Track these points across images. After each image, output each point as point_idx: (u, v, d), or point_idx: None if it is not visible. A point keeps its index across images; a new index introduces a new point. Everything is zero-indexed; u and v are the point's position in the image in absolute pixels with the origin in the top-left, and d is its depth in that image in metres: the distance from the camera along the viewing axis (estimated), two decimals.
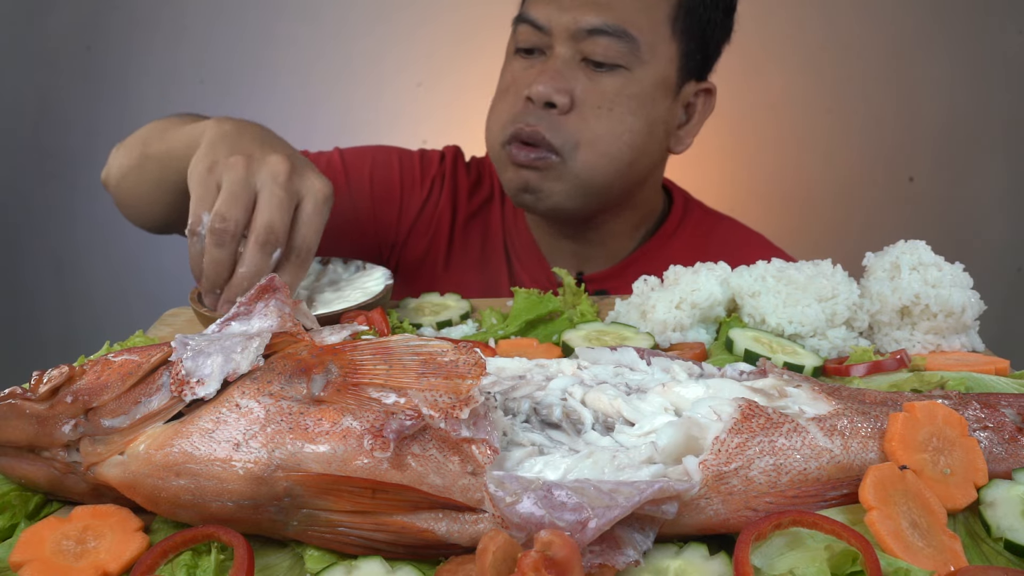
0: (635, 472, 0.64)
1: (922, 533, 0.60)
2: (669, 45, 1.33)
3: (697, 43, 1.37)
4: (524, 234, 1.53)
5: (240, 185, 0.95)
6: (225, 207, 0.95)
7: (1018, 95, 2.68)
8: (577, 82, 1.29)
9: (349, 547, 0.63)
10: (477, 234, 1.55)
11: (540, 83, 1.28)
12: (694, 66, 1.38)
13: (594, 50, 1.28)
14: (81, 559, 0.62)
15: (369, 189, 1.52)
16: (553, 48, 1.31)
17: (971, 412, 0.73)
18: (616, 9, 1.29)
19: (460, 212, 1.55)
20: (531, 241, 1.52)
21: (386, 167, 1.54)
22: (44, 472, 0.69)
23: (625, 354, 0.82)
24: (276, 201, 0.95)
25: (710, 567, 0.60)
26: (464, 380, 0.65)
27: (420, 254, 1.53)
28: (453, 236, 1.54)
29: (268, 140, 1.08)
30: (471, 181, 1.58)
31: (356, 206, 1.51)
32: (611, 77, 1.30)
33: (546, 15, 1.30)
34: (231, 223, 0.94)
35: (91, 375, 0.70)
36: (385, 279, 1.11)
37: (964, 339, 0.98)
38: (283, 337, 0.72)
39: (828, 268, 1.04)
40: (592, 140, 1.30)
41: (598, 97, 1.30)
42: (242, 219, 0.95)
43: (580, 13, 1.28)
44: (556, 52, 1.30)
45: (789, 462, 0.65)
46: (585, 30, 1.28)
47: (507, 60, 1.40)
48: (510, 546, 0.55)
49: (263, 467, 0.62)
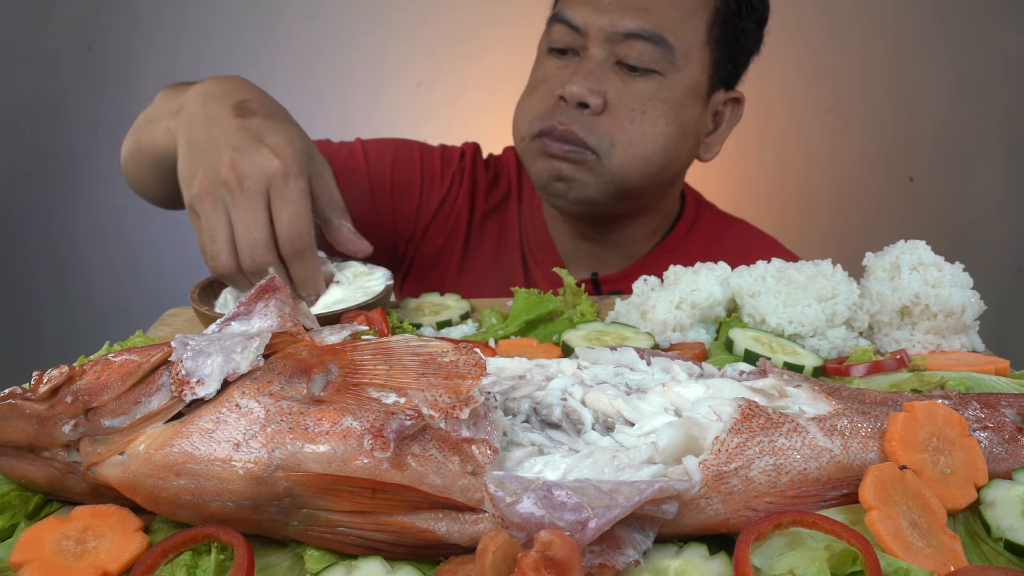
0: (635, 472, 0.64)
1: (922, 533, 0.60)
2: (703, 53, 1.34)
3: (729, 52, 1.37)
4: (541, 232, 1.53)
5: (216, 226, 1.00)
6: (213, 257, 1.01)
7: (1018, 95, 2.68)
8: (610, 84, 1.30)
9: (349, 547, 0.63)
10: (493, 231, 1.55)
11: (574, 83, 1.28)
12: (724, 75, 1.39)
13: (629, 54, 1.29)
14: (81, 559, 0.62)
15: (390, 182, 1.52)
16: (588, 49, 1.31)
17: (971, 412, 0.73)
18: (654, 14, 1.29)
19: (478, 209, 1.55)
20: (548, 240, 1.53)
21: (407, 161, 1.55)
22: (44, 472, 0.69)
23: (625, 354, 0.82)
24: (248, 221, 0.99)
25: (710, 567, 0.60)
26: (464, 380, 0.65)
27: (436, 250, 1.54)
28: (470, 233, 1.54)
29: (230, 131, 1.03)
30: (489, 178, 1.59)
31: (375, 197, 1.51)
32: (645, 81, 1.30)
33: (582, 16, 1.31)
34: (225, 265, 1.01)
35: (91, 375, 0.70)
36: (385, 279, 1.11)
37: (964, 339, 0.98)
38: (283, 337, 0.72)
39: (828, 268, 1.04)
40: (626, 142, 1.30)
41: (631, 100, 1.30)
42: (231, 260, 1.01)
43: (618, 17, 1.29)
44: (590, 53, 1.31)
45: (789, 462, 0.65)
46: (622, 33, 1.28)
47: (539, 58, 1.40)
48: (510, 546, 0.55)
49: (263, 467, 0.62)
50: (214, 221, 1.00)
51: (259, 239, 0.99)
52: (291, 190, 0.99)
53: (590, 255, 1.50)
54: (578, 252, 1.51)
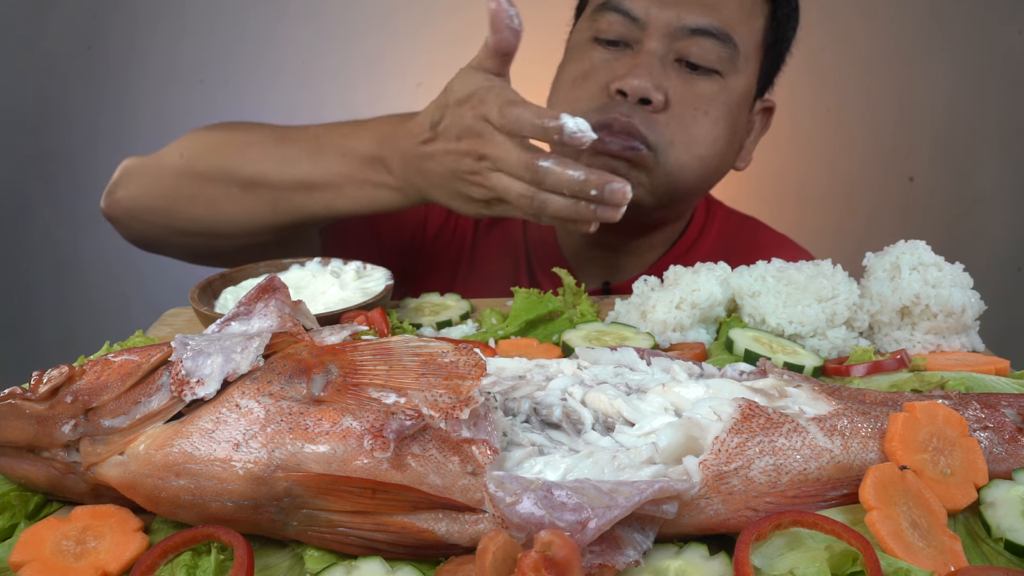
0: (635, 472, 0.64)
1: (922, 533, 0.60)
2: (757, 57, 1.30)
3: (773, 59, 1.34)
4: (549, 238, 1.48)
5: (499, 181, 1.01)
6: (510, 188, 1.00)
7: (1018, 95, 2.68)
8: (671, 81, 1.23)
9: (349, 547, 0.63)
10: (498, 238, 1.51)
11: (636, 77, 1.20)
12: (764, 83, 1.36)
13: (692, 51, 1.22)
14: (81, 559, 0.62)
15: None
16: (643, 43, 1.23)
17: (971, 412, 0.73)
18: (722, 12, 1.23)
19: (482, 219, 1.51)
20: (555, 248, 1.47)
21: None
22: (44, 472, 0.69)
23: (625, 354, 0.82)
24: (504, 152, 0.99)
25: (710, 567, 0.60)
26: (464, 381, 0.65)
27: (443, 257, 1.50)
28: (476, 240, 1.50)
29: (441, 148, 1.06)
30: None
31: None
32: (706, 81, 1.24)
33: (643, 7, 1.22)
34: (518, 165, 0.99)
35: (91, 375, 0.70)
36: (385, 279, 1.11)
37: (964, 339, 0.98)
38: (283, 337, 0.72)
39: (828, 268, 1.04)
40: (688, 142, 1.24)
41: (694, 99, 1.24)
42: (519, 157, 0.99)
43: (685, 10, 1.21)
44: (647, 47, 1.23)
45: (789, 462, 0.65)
46: (689, 28, 1.21)
47: (578, 48, 1.31)
48: (510, 546, 0.55)
49: (263, 467, 0.62)
50: (495, 181, 1.01)
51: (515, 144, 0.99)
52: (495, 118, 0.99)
53: (604, 263, 1.44)
54: (592, 262, 1.44)
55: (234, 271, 1.13)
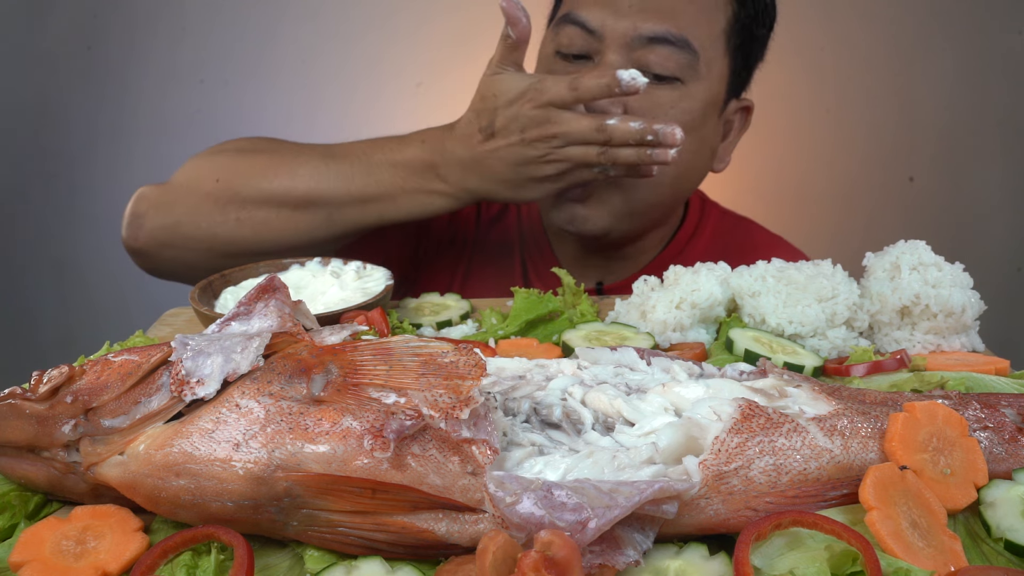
0: (635, 472, 0.64)
1: (922, 533, 0.60)
2: (722, 61, 1.29)
3: (743, 60, 1.33)
4: (542, 242, 1.48)
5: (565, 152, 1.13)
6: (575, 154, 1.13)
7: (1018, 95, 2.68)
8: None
9: (349, 547, 0.63)
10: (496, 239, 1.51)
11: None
12: (737, 84, 1.35)
13: (651, 59, 1.21)
14: (81, 559, 0.62)
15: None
16: (603, 55, 1.23)
17: (971, 412, 0.73)
18: (678, 18, 1.22)
19: (483, 216, 1.52)
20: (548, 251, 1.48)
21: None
22: (44, 472, 0.69)
23: (625, 354, 0.82)
24: (571, 127, 1.11)
25: (710, 567, 0.60)
26: (464, 381, 0.65)
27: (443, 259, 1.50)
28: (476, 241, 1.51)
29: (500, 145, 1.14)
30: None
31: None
32: (666, 90, 1.23)
33: (599, 19, 1.22)
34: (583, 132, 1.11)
35: (91, 375, 0.70)
36: (385, 279, 1.11)
37: (964, 339, 0.98)
38: (283, 337, 0.72)
39: (828, 268, 1.04)
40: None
41: (652, 108, 1.23)
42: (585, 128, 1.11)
43: (640, 19, 1.21)
44: (607, 59, 1.22)
45: (789, 462, 0.65)
46: (645, 37, 1.21)
47: (544, 62, 1.32)
48: (510, 546, 0.55)
49: (263, 467, 0.62)
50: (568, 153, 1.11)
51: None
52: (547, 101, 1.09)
53: (597, 267, 1.46)
54: (585, 265, 1.45)
55: (234, 271, 1.13)
